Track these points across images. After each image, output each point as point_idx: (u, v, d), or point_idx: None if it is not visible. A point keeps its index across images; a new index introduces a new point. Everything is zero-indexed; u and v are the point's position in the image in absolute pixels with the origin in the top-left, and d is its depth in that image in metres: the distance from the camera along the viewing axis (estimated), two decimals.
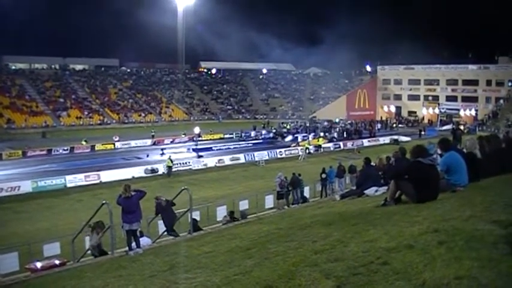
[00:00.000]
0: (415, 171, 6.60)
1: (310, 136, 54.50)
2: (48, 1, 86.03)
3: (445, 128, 61.87)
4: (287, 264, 4.29)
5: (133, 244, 9.90)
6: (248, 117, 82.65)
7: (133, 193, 10.08)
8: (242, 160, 43.20)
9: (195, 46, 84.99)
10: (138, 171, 36.36)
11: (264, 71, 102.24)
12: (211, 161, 41.81)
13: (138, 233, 10.46)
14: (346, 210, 8.12)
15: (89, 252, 12.26)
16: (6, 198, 29.76)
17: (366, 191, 10.33)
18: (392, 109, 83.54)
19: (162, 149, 46.78)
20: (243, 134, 60.55)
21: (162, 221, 13.97)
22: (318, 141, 51.54)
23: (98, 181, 34.18)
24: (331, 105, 79.74)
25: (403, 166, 8.15)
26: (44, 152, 47.34)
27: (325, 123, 65.70)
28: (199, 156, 43.95)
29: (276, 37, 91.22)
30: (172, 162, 37.41)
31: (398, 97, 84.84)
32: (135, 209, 10.04)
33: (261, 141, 55.76)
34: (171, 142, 55.73)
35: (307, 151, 46.73)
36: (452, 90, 78.32)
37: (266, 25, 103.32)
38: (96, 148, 50.82)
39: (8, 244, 17.52)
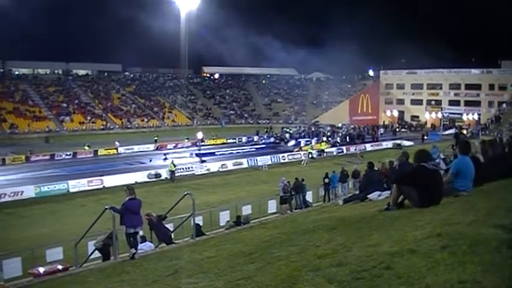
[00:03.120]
0: (418, 176, 6.58)
1: (313, 141, 54.55)
2: (51, 6, 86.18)
3: (448, 132, 61.80)
4: (290, 269, 4.28)
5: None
6: (251, 122, 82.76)
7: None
8: (245, 165, 43.21)
9: (197, 51, 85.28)
10: (141, 176, 36.39)
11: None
12: (214, 166, 41.82)
13: (138, 238, 10.47)
14: (349, 214, 8.11)
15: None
16: (9, 203, 29.83)
17: (369, 196, 10.31)
18: (395, 113, 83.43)
19: (165, 154, 46.82)
20: (245, 139, 60.97)
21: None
22: (321, 145, 51.54)
23: (101, 186, 34.22)
24: (334, 109, 79.80)
25: (406, 171, 8.14)
26: (47, 157, 47.49)
27: (328, 128, 65.73)
28: (202, 161, 43.98)
29: (279, 42, 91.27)
30: (175, 166, 37.42)
31: (401, 101, 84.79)
32: (138, 211, 10.10)
33: (263, 146, 55.80)
34: (174, 147, 55.80)
35: (310, 156, 46.74)
36: (455, 94, 78.28)
37: (269, 30, 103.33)
38: (99, 153, 50.91)
39: (11, 249, 17.53)
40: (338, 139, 57.74)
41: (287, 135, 61.12)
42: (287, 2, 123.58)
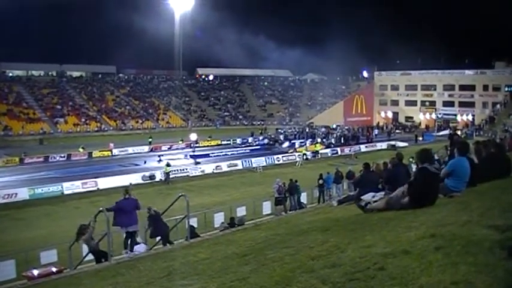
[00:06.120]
0: (420, 181, 6.47)
1: (308, 142, 54.53)
2: (45, 8, 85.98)
3: (442, 133, 61.97)
4: (284, 271, 4.27)
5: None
6: (245, 123, 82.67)
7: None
8: (240, 166, 43.20)
9: (192, 52, 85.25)
10: (135, 178, 36.30)
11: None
12: (208, 168, 41.80)
13: (138, 239, 10.52)
14: (343, 216, 8.12)
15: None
16: (3, 206, 29.70)
17: (362, 197, 10.30)
18: (390, 115, 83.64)
19: (159, 156, 46.72)
20: (240, 140, 61.01)
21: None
22: (315, 147, 51.61)
23: (95, 188, 34.11)
24: (329, 111, 79.78)
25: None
26: (41, 159, 47.30)
27: (323, 129, 65.77)
28: (197, 163, 43.93)
29: (273, 43, 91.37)
30: (169, 166, 37.34)
31: (395, 103, 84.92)
32: (131, 210, 10.17)
33: (258, 147, 55.78)
34: (169, 149, 55.72)
35: (304, 157, 46.76)
36: (449, 95, 78.43)
37: (263, 31, 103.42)
38: (93, 155, 50.75)
39: (4, 251, 17.45)
40: (332, 140, 57.80)
41: (281, 137, 61.13)
42: (281, 4, 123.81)
